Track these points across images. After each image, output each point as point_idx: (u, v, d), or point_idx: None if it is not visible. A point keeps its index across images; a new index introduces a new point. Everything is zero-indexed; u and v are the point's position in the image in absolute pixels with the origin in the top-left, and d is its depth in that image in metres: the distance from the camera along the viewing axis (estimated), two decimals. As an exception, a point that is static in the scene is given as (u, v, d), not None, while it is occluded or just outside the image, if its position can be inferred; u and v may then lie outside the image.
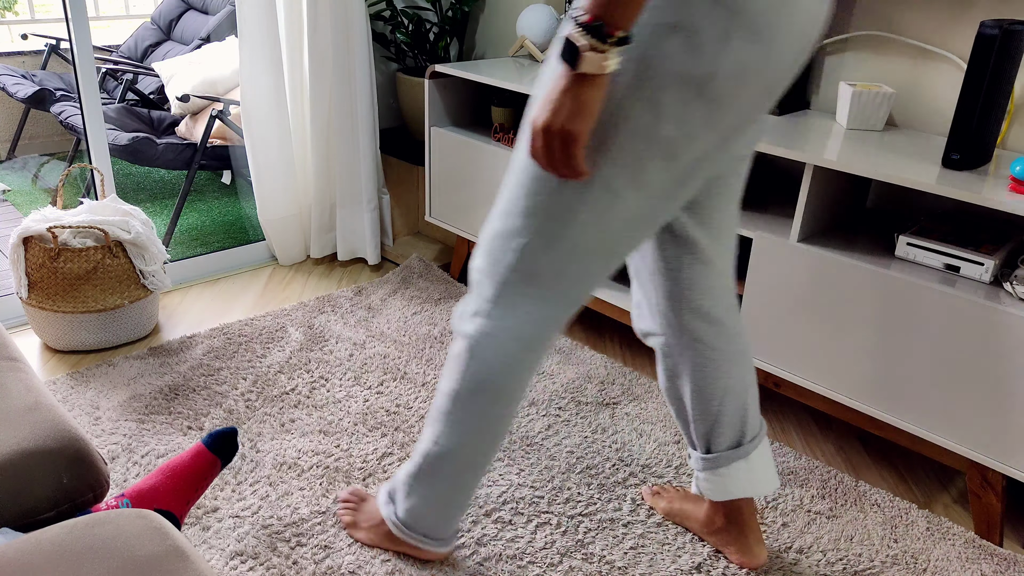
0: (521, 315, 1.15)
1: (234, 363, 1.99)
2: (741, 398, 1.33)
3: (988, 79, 1.42)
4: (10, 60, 3.90)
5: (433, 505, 1.33)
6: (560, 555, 1.45)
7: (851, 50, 1.87)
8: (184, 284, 2.45)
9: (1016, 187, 1.39)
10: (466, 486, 1.31)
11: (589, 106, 0.93)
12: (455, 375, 1.22)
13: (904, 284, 1.50)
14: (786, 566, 1.45)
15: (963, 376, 1.46)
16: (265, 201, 2.47)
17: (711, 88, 0.97)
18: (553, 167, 0.99)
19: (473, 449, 1.26)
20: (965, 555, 1.50)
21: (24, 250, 1.96)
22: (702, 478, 1.39)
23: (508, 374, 1.19)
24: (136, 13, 4.93)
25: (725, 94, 0.98)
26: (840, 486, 1.66)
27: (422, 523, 1.36)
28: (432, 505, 1.33)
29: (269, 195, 2.47)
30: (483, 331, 1.18)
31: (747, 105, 1.02)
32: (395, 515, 1.38)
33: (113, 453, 1.65)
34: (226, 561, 1.39)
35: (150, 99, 3.39)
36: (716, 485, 1.38)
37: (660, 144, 1.01)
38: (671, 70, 0.96)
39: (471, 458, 1.27)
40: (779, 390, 1.79)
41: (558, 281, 1.13)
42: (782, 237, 1.67)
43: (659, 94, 0.97)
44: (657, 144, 1.01)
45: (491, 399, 1.21)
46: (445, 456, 1.27)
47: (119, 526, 0.88)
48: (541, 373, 2.01)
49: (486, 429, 1.24)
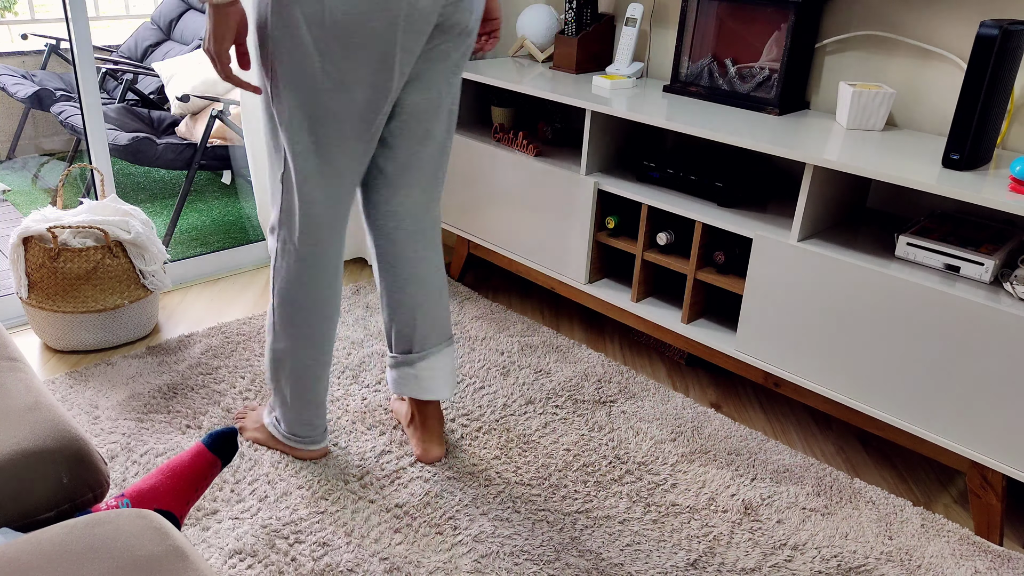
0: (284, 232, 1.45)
1: (232, 362, 1.99)
2: (410, 314, 1.60)
3: (988, 79, 1.42)
4: (10, 60, 3.91)
5: (288, 406, 1.58)
6: (556, 552, 1.46)
7: (851, 50, 1.87)
8: (184, 284, 2.45)
9: (1016, 187, 1.39)
10: (307, 387, 1.55)
11: (219, 29, 1.22)
12: (271, 289, 1.51)
13: (904, 284, 1.50)
14: (781, 563, 1.45)
15: (963, 376, 1.46)
16: (265, 201, 2.47)
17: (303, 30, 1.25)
18: (225, 79, 1.28)
19: (295, 353, 1.51)
20: (960, 552, 1.50)
21: (24, 250, 1.96)
22: (388, 373, 1.70)
23: (298, 285, 1.46)
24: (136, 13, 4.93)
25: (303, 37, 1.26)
26: (835, 484, 1.67)
27: (288, 424, 1.61)
28: (287, 406, 1.58)
29: (269, 195, 2.47)
30: (274, 249, 1.47)
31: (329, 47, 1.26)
32: (271, 419, 1.65)
33: (112, 452, 1.65)
34: (225, 559, 1.40)
35: (150, 99, 3.39)
36: (392, 381, 1.68)
37: (296, 61, 1.28)
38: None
39: (299, 361, 1.52)
40: (779, 390, 1.79)
41: (290, 193, 1.42)
42: (782, 237, 1.67)
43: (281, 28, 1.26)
44: (294, 61, 1.28)
45: (293, 309, 1.48)
46: (278, 361, 1.54)
47: (119, 526, 0.88)
48: (539, 371, 2.02)
49: (299, 335, 1.50)
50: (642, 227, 1.91)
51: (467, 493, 1.59)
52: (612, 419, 1.85)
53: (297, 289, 1.47)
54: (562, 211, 2.06)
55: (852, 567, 1.46)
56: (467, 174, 2.30)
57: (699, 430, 1.83)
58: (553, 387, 1.96)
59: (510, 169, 2.17)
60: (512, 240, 2.24)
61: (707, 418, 1.87)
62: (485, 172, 2.24)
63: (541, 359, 2.09)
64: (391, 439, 1.74)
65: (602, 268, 2.11)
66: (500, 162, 2.19)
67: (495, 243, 2.30)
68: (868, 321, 1.56)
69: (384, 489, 1.59)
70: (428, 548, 1.46)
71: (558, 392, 1.95)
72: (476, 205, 2.31)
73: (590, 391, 1.96)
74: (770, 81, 1.90)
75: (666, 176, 1.93)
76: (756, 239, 1.70)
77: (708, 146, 2.14)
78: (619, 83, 2.07)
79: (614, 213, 2.04)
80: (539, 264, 2.19)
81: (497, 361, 2.06)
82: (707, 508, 1.59)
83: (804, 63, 1.90)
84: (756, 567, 1.45)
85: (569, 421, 1.84)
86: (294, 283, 1.46)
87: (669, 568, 1.43)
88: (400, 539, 1.47)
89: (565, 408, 1.88)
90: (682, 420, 1.86)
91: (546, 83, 2.08)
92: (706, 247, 1.85)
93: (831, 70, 1.91)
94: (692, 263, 1.84)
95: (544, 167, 2.07)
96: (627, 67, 2.19)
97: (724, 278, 1.82)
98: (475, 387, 1.94)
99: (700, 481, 1.66)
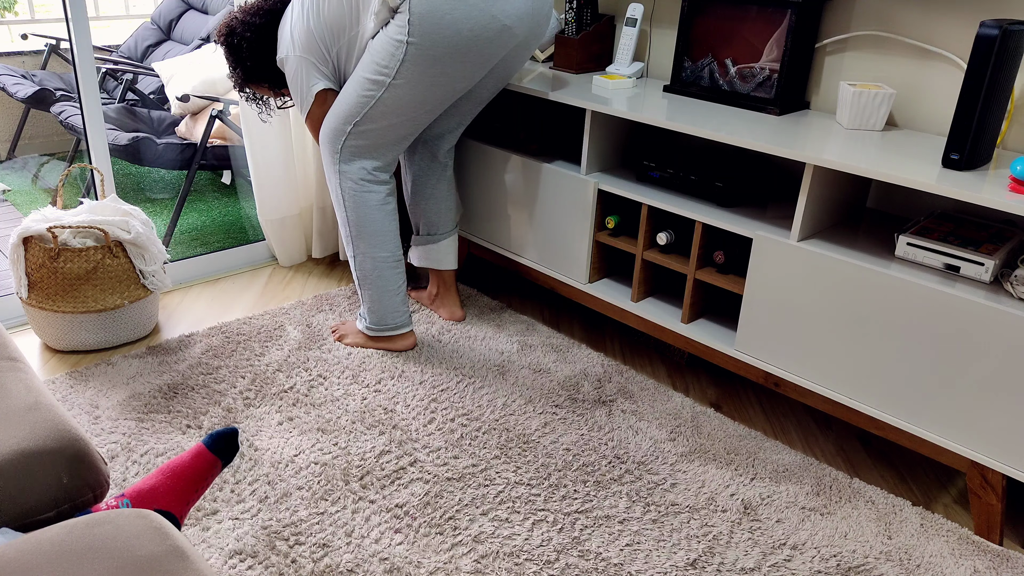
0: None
1: (232, 362, 1.99)
2: (438, 205, 2.17)
3: (988, 79, 1.42)
4: (10, 60, 3.91)
5: (377, 301, 2.02)
6: (556, 552, 1.46)
7: (851, 50, 1.87)
8: (184, 284, 2.46)
9: (1016, 187, 1.39)
10: (389, 280, 2.01)
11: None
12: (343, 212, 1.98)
13: (904, 284, 1.50)
14: (780, 562, 1.45)
15: (963, 376, 1.46)
16: (265, 201, 2.47)
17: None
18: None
19: (372, 257, 1.99)
20: (959, 551, 1.50)
21: (24, 250, 1.96)
22: (414, 250, 2.26)
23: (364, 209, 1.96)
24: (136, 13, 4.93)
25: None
26: (835, 483, 1.67)
27: (379, 319, 2.04)
28: (376, 301, 2.02)
29: (269, 195, 2.47)
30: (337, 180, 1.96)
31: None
32: (364, 322, 2.07)
33: (112, 452, 1.65)
34: (225, 560, 1.40)
35: (150, 99, 3.39)
36: (417, 258, 2.25)
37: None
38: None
39: (376, 263, 1.99)
40: (779, 390, 1.79)
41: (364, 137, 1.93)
42: (782, 237, 1.67)
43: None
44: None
45: (357, 228, 1.97)
46: (361, 269, 2.01)
47: (119, 526, 0.88)
48: (538, 370, 2.02)
49: (371, 243, 1.98)
50: (642, 227, 1.91)
51: (467, 493, 1.59)
52: (612, 419, 1.85)
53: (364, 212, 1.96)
54: (562, 211, 2.06)
55: (851, 567, 1.46)
56: (467, 174, 2.30)
57: (699, 430, 1.83)
58: (553, 386, 1.97)
59: (510, 169, 2.17)
60: (512, 240, 2.24)
61: (707, 418, 1.87)
62: (485, 172, 2.24)
63: (541, 359, 2.09)
64: (391, 439, 1.74)
65: (602, 268, 2.11)
66: (500, 163, 2.19)
67: (495, 243, 2.30)
68: (868, 321, 1.56)
69: (384, 489, 1.59)
70: (428, 548, 1.46)
71: (557, 391, 1.95)
72: (476, 205, 2.31)
73: (590, 391, 1.96)
74: (770, 81, 1.90)
75: (666, 176, 1.93)
76: (756, 239, 1.70)
77: (708, 146, 2.14)
78: (619, 83, 2.07)
79: (614, 213, 2.04)
80: (539, 264, 2.19)
81: (497, 361, 2.07)
82: (707, 508, 1.59)
83: (804, 63, 1.90)
84: (756, 567, 1.45)
85: (569, 421, 1.84)
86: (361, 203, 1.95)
87: (669, 568, 1.44)
88: (400, 539, 1.47)
89: (565, 408, 1.88)
90: (682, 420, 1.86)
91: (546, 83, 2.08)
92: (706, 247, 1.85)
93: (831, 70, 1.91)
94: (692, 263, 1.84)
95: (544, 167, 2.07)
96: (627, 67, 2.19)
97: (724, 278, 1.82)
98: (475, 387, 1.94)
99: (700, 481, 1.66)
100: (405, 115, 1.84)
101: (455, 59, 1.74)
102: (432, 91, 1.80)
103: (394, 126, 1.86)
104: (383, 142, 1.89)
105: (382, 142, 1.89)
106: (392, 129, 1.86)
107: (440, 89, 1.80)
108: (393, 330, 2.05)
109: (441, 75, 1.76)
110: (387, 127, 1.85)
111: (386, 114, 1.82)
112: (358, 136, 1.87)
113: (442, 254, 2.22)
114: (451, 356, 2.08)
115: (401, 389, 1.92)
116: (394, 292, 2.02)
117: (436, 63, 1.73)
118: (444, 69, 1.75)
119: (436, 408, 1.85)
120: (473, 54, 1.75)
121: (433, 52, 1.71)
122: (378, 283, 2.00)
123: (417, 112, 1.84)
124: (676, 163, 1.92)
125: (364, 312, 2.06)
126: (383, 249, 1.97)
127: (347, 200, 1.93)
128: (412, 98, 1.80)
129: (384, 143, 1.89)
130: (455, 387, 1.94)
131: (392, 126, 1.85)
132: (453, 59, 1.74)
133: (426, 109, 1.84)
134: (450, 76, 1.78)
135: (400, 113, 1.83)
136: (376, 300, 2.02)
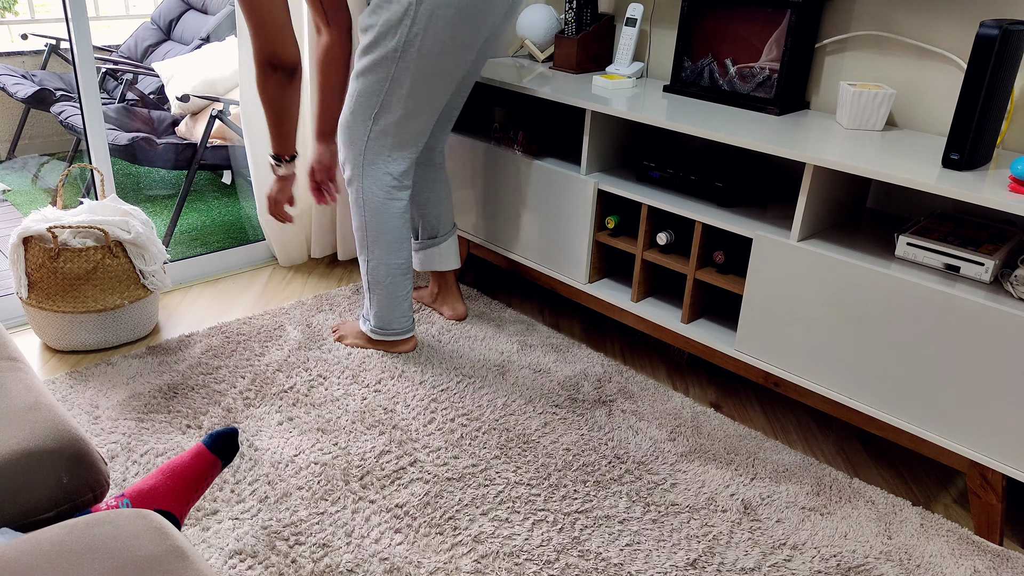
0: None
1: (232, 362, 1.99)
2: (436, 208, 2.17)
3: (988, 79, 1.42)
4: (10, 60, 3.90)
5: (385, 307, 2.02)
6: (557, 552, 1.46)
7: (851, 50, 1.87)
8: (184, 284, 2.46)
9: (1016, 187, 1.39)
10: (399, 287, 2.01)
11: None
12: (361, 216, 1.97)
13: (904, 284, 1.50)
14: (780, 562, 1.45)
15: (963, 376, 1.46)
16: (265, 201, 2.47)
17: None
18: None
19: (386, 261, 1.98)
20: (959, 551, 1.50)
21: (24, 250, 1.96)
22: (415, 256, 2.26)
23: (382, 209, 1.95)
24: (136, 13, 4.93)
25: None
26: (834, 483, 1.67)
27: (385, 323, 2.04)
28: (385, 307, 2.02)
29: (269, 195, 2.47)
30: (357, 186, 1.96)
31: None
32: (368, 324, 2.07)
33: (112, 452, 1.65)
34: (225, 560, 1.40)
35: (150, 99, 3.39)
36: (420, 262, 2.26)
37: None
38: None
39: (389, 270, 1.99)
40: (779, 390, 1.79)
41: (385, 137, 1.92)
42: (782, 237, 1.67)
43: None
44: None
45: (375, 234, 1.97)
46: (374, 271, 1.99)
47: (119, 526, 0.88)
48: (538, 370, 2.02)
49: (388, 250, 1.97)
50: (642, 227, 1.91)
51: (467, 493, 1.59)
52: (611, 419, 1.85)
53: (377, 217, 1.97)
54: (562, 211, 2.06)
55: (851, 566, 1.46)
56: (467, 174, 2.30)
57: (699, 430, 1.83)
58: (552, 386, 1.97)
59: (510, 169, 2.17)
60: (512, 240, 2.24)
61: (707, 418, 1.87)
62: (485, 172, 2.24)
63: (541, 359, 2.09)
64: (391, 439, 1.74)
65: (602, 268, 2.11)
66: (500, 162, 2.19)
67: (495, 243, 2.30)
68: (868, 321, 1.56)
69: (384, 489, 1.59)
70: (428, 548, 1.46)
71: (557, 391, 1.95)
72: (476, 205, 2.31)
73: (590, 391, 1.96)
74: (770, 81, 1.90)
75: (666, 176, 1.93)
76: (756, 239, 1.70)
77: (708, 146, 2.14)
78: (619, 83, 2.07)
79: (614, 213, 2.04)
80: (539, 264, 2.19)
81: (497, 361, 2.07)
82: (706, 508, 1.59)
83: (804, 63, 1.90)
84: (755, 567, 1.45)
85: (569, 421, 1.84)
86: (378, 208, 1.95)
87: (668, 568, 1.44)
88: (400, 539, 1.47)
89: (564, 408, 1.88)
90: (682, 420, 1.86)
91: (546, 83, 2.08)
92: (706, 247, 1.85)
93: (831, 70, 1.91)
94: (692, 263, 1.84)
95: (544, 167, 2.08)
96: (627, 67, 2.19)
97: (724, 278, 1.82)
98: (475, 387, 1.95)
99: (699, 481, 1.66)
100: (420, 95, 1.81)
101: (461, 19, 1.72)
102: (442, 60, 1.77)
103: (411, 113, 1.83)
104: (405, 137, 1.87)
105: (404, 137, 1.87)
106: (411, 118, 1.84)
107: (450, 57, 1.77)
108: (398, 335, 2.06)
109: (451, 40, 1.74)
110: (405, 116, 1.83)
111: (402, 98, 1.80)
112: (380, 136, 1.85)
113: (444, 255, 2.23)
114: (451, 356, 2.08)
115: (401, 389, 1.92)
116: (403, 298, 2.03)
117: (446, 26, 1.72)
118: (453, 34, 1.74)
119: (436, 408, 1.86)
120: (474, 16, 1.74)
121: (441, 11, 1.70)
122: (389, 289, 2.00)
123: (431, 89, 1.81)
124: (676, 163, 1.92)
125: (369, 315, 2.06)
126: (398, 256, 1.97)
127: (368, 206, 1.92)
128: (425, 70, 1.77)
129: (406, 138, 1.87)
130: (455, 387, 1.94)
131: (409, 113, 1.83)
132: (459, 18, 1.72)
133: (439, 86, 1.82)
134: (457, 42, 1.76)
135: (415, 96, 1.80)
136: (385, 305, 2.02)
